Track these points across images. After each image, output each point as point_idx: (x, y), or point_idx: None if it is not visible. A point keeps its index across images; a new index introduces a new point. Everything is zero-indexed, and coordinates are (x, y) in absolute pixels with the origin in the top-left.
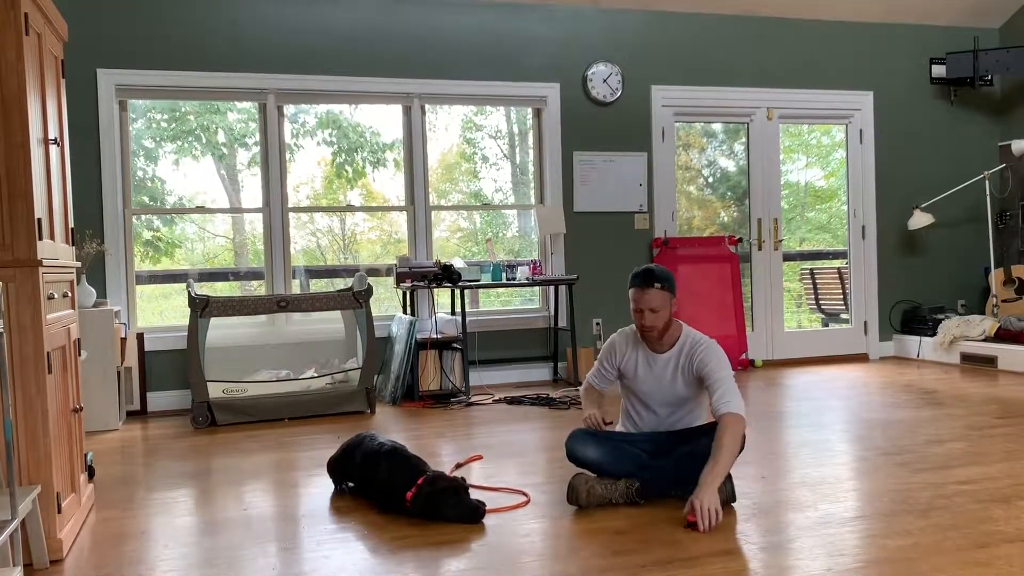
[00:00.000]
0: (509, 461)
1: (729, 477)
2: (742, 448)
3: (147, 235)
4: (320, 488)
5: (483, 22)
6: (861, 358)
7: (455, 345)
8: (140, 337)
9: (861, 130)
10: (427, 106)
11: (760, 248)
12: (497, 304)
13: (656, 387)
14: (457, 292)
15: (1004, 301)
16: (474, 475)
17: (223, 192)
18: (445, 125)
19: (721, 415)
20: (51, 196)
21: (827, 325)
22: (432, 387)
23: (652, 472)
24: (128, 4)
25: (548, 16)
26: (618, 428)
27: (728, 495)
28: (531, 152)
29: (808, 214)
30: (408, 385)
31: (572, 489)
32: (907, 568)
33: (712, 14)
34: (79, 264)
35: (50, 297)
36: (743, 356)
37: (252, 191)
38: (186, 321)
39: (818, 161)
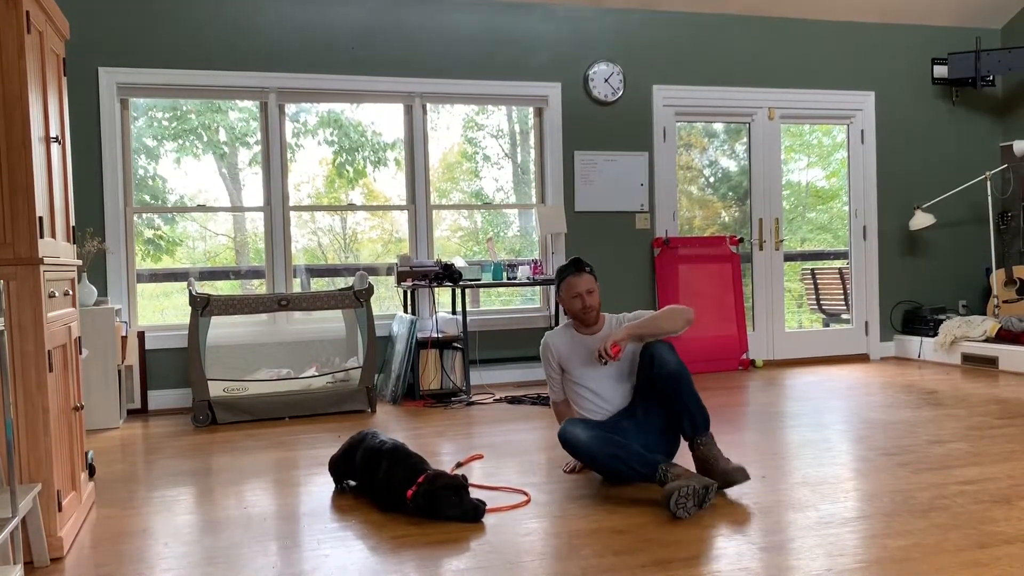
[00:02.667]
0: (509, 460)
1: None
2: (681, 326)
3: (148, 233)
4: (320, 487)
5: (485, 21)
6: (862, 358)
7: (456, 344)
8: (141, 335)
9: (862, 130)
10: (428, 105)
11: (761, 248)
12: (498, 303)
13: (597, 369)
14: (458, 291)
15: (1005, 302)
16: (475, 474)
17: (224, 191)
18: (446, 124)
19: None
20: (52, 194)
21: (828, 325)
22: (433, 386)
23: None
24: (130, 3)
25: (549, 15)
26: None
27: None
28: (532, 151)
29: (809, 214)
30: (409, 384)
31: (677, 494)
32: (908, 568)
33: (714, 14)
34: (80, 262)
35: (51, 295)
36: (744, 356)
37: (253, 190)
38: (187, 320)
39: (819, 161)
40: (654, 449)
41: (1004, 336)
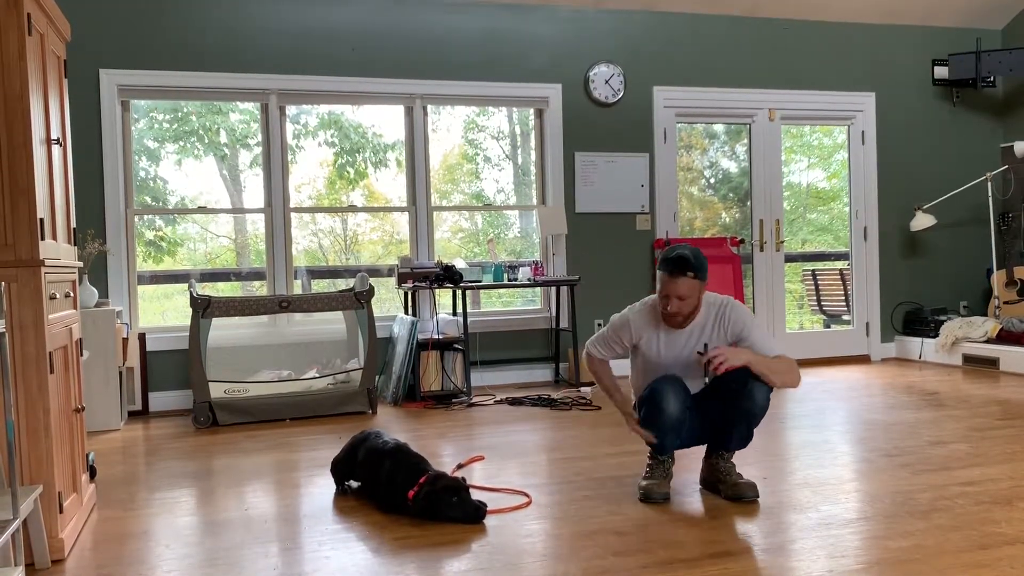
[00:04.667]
0: (510, 462)
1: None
2: (789, 384)
3: (149, 235)
4: (322, 488)
5: (485, 23)
6: (863, 359)
7: (456, 346)
8: (142, 337)
9: (863, 131)
10: (429, 107)
11: (762, 249)
12: (498, 305)
13: (676, 360)
14: (458, 293)
15: (1006, 303)
16: (475, 475)
17: (225, 192)
18: (447, 126)
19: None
20: (53, 196)
21: (829, 326)
22: (433, 388)
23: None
24: (131, 4)
25: (550, 17)
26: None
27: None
28: (533, 153)
29: (810, 215)
30: (410, 385)
31: (646, 493)
32: (909, 570)
33: (714, 15)
34: (81, 264)
35: (52, 297)
36: None
37: (254, 191)
38: (188, 321)
39: (820, 162)
40: (697, 433)
41: (1005, 337)
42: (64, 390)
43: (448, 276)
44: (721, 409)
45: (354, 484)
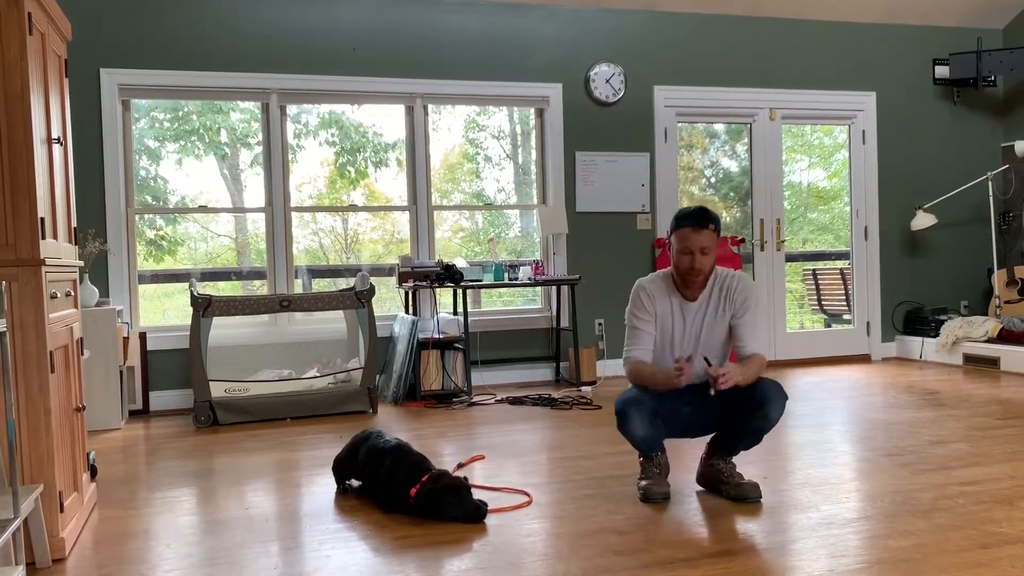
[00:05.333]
0: (511, 461)
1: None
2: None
3: (150, 234)
4: (322, 487)
5: (486, 22)
6: (863, 359)
7: (457, 345)
8: (142, 336)
9: (864, 131)
10: (430, 106)
11: (763, 249)
12: (499, 304)
13: (689, 335)
14: (459, 292)
15: (1007, 302)
16: (476, 475)
17: (226, 192)
18: (448, 125)
19: (747, 355)
20: (54, 195)
21: (829, 326)
22: (434, 387)
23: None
24: (132, 4)
25: (551, 16)
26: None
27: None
28: (533, 152)
29: (811, 215)
30: (410, 385)
31: (646, 493)
32: (909, 569)
33: (715, 14)
34: (82, 263)
35: (53, 296)
36: None
37: (254, 191)
38: (188, 320)
39: (820, 162)
40: (696, 429)
41: (1006, 336)
42: (65, 389)
43: (449, 275)
44: (730, 420)
45: (355, 483)
